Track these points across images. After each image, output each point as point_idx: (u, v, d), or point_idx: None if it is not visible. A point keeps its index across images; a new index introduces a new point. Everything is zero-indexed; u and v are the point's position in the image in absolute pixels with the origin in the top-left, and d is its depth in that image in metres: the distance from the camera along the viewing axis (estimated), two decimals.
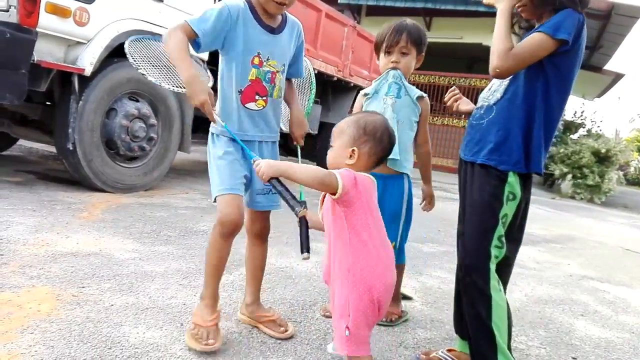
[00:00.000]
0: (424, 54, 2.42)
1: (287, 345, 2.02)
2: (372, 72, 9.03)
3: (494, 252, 1.79)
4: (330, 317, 2.24)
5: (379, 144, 1.64)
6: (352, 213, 1.53)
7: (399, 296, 2.58)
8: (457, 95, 2.17)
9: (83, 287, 2.29)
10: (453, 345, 2.15)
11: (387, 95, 2.34)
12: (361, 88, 8.72)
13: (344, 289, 1.53)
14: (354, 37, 8.17)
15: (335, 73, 7.79)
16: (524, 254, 4.63)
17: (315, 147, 8.71)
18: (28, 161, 5.77)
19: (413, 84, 2.43)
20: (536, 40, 1.70)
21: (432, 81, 15.16)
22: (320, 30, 7.24)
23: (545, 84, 1.74)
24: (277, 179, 1.64)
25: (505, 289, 1.94)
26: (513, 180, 1.79)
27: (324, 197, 1.67)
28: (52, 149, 5.06)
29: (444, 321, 2.59)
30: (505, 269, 1.92)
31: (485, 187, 1.82)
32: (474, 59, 17.33)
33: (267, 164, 1.61)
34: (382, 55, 2.41)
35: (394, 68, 2.35)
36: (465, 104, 2.12)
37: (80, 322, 1.93)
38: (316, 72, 7.35)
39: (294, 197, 1.66)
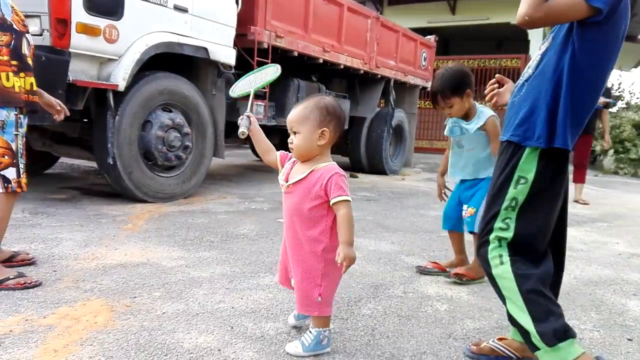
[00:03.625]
0: (468, 89, 2.73)
1: (336, 342, 2.04)
2: (400, 62, 8.94)
3: (497, 231, 1.81)
4: (428, 270, 3.06)
5: (339, 121, 1.90)
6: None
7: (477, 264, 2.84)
8: (495, 90, 2.04)
9: (135, 297, 2.37)
10: (504, 334, 2.12)
11: (454, 135, 2.94)
12: (389, 79, 8.68)
13: (317, 265, 1.88)
14: (378, 28, 8.11)
15: (362, 66, 7.76)
16: (570, 235, 4.52)
17: (346, 143, 8.70)
18: (71, 178, 5.98)
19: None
20: (570, 0, 1.62)
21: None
22: (344, 25, 7.22)
23: (572, 57, 1.69)
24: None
25: (559, 281, 1.95)
26: (525, 164, 1.75)
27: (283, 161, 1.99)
28: (93, 165, 5.23)
29: (492, 310, 2.56)
30: (557, 258, 1.89)
31: (501, 167, 1.82)
32: (502, 39, 16.93)
33: (349, 256, 1.79)
34: None
35: (450, 116, 2.86)
36: (506, 95, 2.01)
37: (136, 331, 2.00)
38: (342, 67, 7.35)
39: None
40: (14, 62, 2.40)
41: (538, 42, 14.80)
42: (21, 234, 3.33)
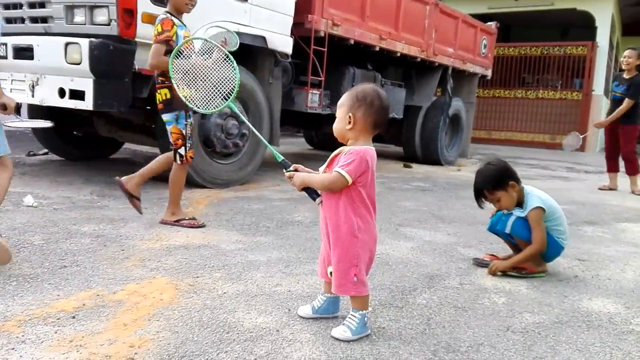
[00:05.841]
0: (512, 181, 2.80)
1: (392, 330, 2.05)
2: (458, 49, 8.72)
3: None
4: (485, 263, 2.98)
5: (370, 107, 1.90)
6: (362, 187, 1.91)
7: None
8: None
9: (197, 277, 2.47)
10: (564, 329, 2.06)
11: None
12: (447, 67, 8.49)
13: (353, 247, 1.93)
14: (437, 14, 7.95)
15: (419, 54, 7.63)
16: (636, 231, 4.31)
17: (400, 132, 8.61)
18: (134, 163, 6.23)
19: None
20: None
21: (522, 52, 14.36)
22: (401, 12, 7.11)
23: None
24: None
25: None
26: None
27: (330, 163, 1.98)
28: (156, 150, 5.43)
29: (552, 305, 2.48)
30: None
31: None
32: (567, 26, 16.16)
33: (300, 180, 1.99)
34: None
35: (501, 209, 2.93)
36: None
37: (199, 309, 2.09)
38: (399, 54, 7.26)
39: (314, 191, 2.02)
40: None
41: (606, 28, 14.06)
42: (90, 214, 3.52)
